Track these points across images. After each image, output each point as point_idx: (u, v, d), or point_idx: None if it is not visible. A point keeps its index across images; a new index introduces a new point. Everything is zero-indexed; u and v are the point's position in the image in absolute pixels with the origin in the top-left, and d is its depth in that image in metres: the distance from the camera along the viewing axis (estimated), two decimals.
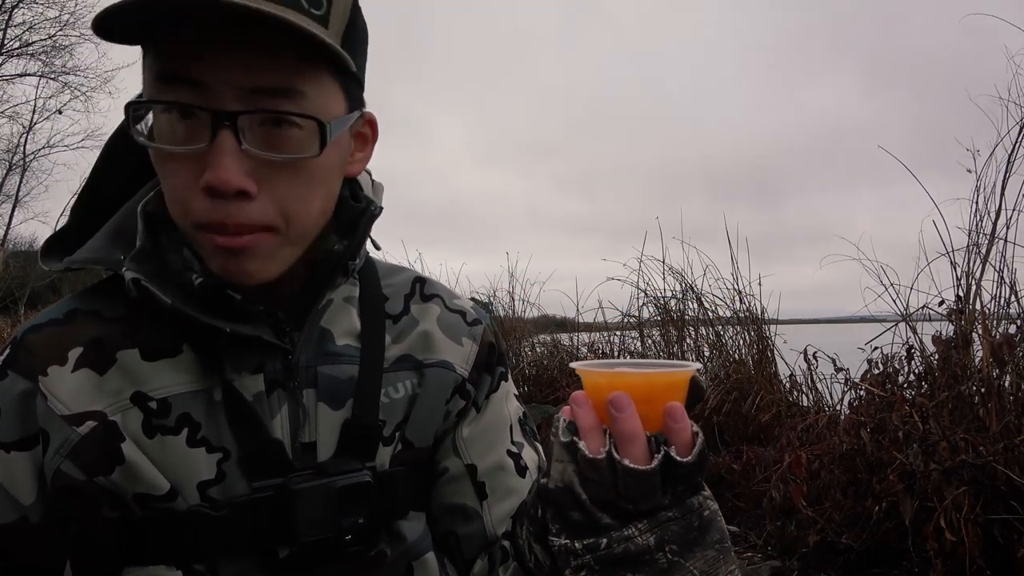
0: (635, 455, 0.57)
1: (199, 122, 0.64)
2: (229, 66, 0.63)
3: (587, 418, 0.60)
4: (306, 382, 0.77)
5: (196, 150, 0.64)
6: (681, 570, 0.58)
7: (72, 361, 0.71)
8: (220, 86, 0.63)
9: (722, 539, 0.60)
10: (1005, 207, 3.16)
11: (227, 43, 0.63)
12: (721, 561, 0.59)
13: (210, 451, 0.72)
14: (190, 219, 0.68)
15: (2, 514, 0.69)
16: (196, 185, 0.65)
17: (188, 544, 0.71)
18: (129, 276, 0.70)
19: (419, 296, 0.89)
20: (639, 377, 0.60)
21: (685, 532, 0.59)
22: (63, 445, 0.69)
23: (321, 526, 0.73)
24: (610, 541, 0.58)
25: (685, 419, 0.58)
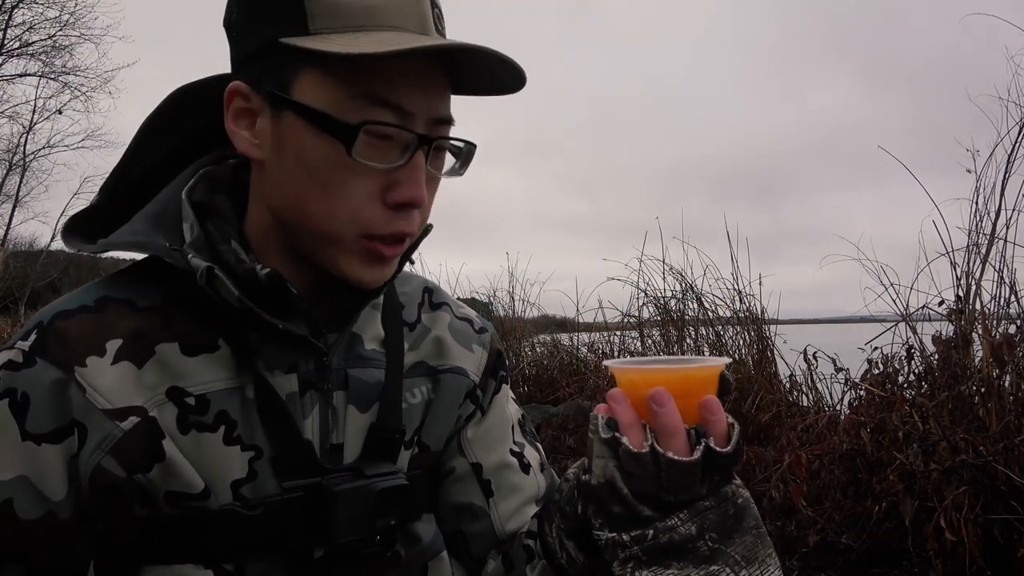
0: (677, 448, 0.60)
1: (391, 143, 0.69)
2: (427, 97, 0.70)
3: (627, 414, 0.63)
4: (337, 384, 0.78)
5: (394, 167, 0.69)
6: (723, 556, 0.61)
7: (112, 353, 0.69)
8: (418, 113, 0.69)
9: (757, 524, 0.63)
10: (1005, 207, 3.17)
11: (428, 77, 0.70)
12: (760, 545, 0.62)
13: (243, 449, 0.72)
14: (359, 228, 0.70)
15: (26, 510, 0.65)
16: (375, 197, 0.70)
17: (220, 543, 0.70)
18: (203, 264, 0.69)
19: (428, 305, 0.92)
20: (675, 373, 0.63)
21: (723, 520, 0.62)
22: (104, 440, 0.67)
23: (357, 527, 0.74)
24: (656, 532, 0.61)
25: (721, 411, 0.62)
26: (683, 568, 0.61)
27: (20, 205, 20.14)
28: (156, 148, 0.80)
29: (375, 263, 0.72)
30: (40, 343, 0.68)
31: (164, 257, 0.71)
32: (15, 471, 0.65)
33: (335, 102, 0.67)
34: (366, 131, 0.67)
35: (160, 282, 0.74)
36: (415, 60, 0.68)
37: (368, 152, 0.68)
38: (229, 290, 0.69)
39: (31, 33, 18.54)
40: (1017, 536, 2.13)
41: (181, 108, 0.80)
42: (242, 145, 0.73)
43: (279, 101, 0.69)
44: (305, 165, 0.69)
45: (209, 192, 0.77)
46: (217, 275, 0.69)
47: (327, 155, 0.68)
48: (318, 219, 0.70)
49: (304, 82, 0.68)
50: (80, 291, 0.74)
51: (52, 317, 0.70)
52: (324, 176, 0.69)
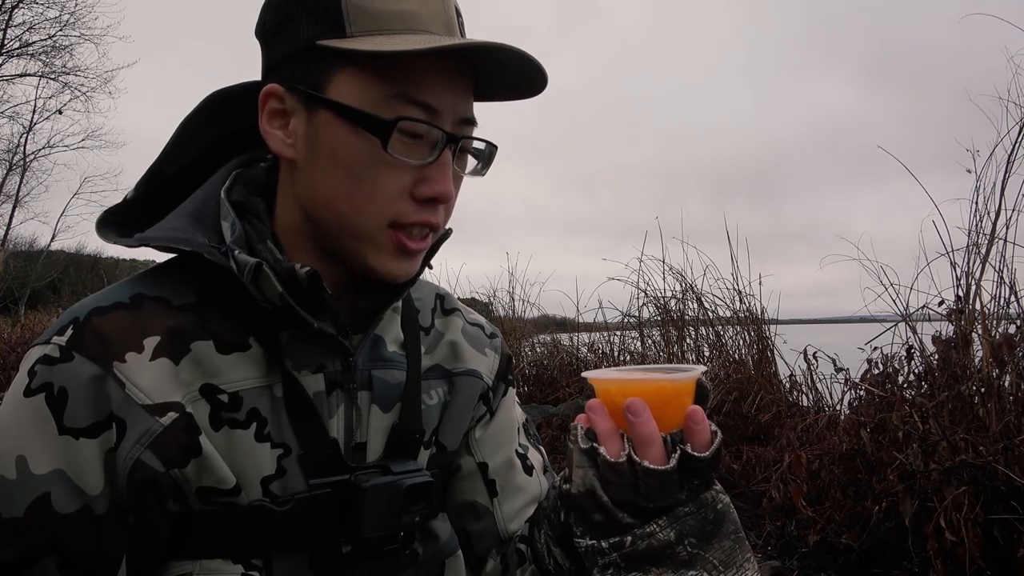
0: (654, 456, 0.62)
1: (422, 140, 0.72)
2: (454, 97, 0.73)
3: (604, 424, 0.64)
4: (362, 384, 0.80)
5: (425, 163, 0.72)
6: (701, 561, 0.62)
7: (150, 350, 0.70)
8: (446, 113, 0.72)
9: (736, 529, 0.64)
10: (1005, 207, 3.17)
11: (455, 77, 0.73)
12: (738, 549, 0.63)
13: (273, 447, 0.73)
14: (387, 219, 0.73)
15: (63, 504, 0.66)
16: (405, 192, 0.73)
17: (249, 539, 0.72)
18: (251, 260, 0.71)
19: (441, 310, 0.95)
20: (651, 384, 0.64)
21: (702, 525, 0.63)
22: (144, 435, 0.68)
23: (384, 523, 0.75)
24: (634, 539, 0.62)
25: (705, 422, 0.64)
26: (662, 573, 0.62)
27: (20, 205, 20.16)
28: (191, 148, 0.82)
29: (402, 256, 0.75)
30: (77, 338, 0.69)
31: (204, 254, 0.72)
32: (53, 465, 0.66)
33: (371, 101, 0.70)
34: (400, 128, 0.70)
35: (193, 280, 0.76)
36: (444, 61, 0.71)
37: (400, 148, 0.71)
38: (273, 287, 0.71)
39: (31, 33, 18.56)
40: (1017, 536, 2.13)
41: (217, 111, 0.82)
42: (275, 144, 0.75)
43: (315, 100, 0.72)
44: (339, 162, 0.72)
45: (246, 193, 0.79)
46: (264, 271, 0.71)
47: (361, 151, 0.71)
48: (349, 214, 0.73)
49: (340, 82, 0.71)
50: (113, 288, 0.75)
51: (88, 313, 0.71)
52: (358, 172, 0.71)
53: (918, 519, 2.31)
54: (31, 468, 0.65)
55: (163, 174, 0.81)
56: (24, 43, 18.64)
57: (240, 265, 0.72)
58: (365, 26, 0.70)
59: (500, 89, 0.77)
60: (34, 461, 0.66)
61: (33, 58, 18.90)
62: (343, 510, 0.74)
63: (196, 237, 0.74)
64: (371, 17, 0.70)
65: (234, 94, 0.82)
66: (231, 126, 0.83)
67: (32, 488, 0.65)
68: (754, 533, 3.04)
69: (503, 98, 0.79)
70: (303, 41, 0.72)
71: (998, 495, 2.21)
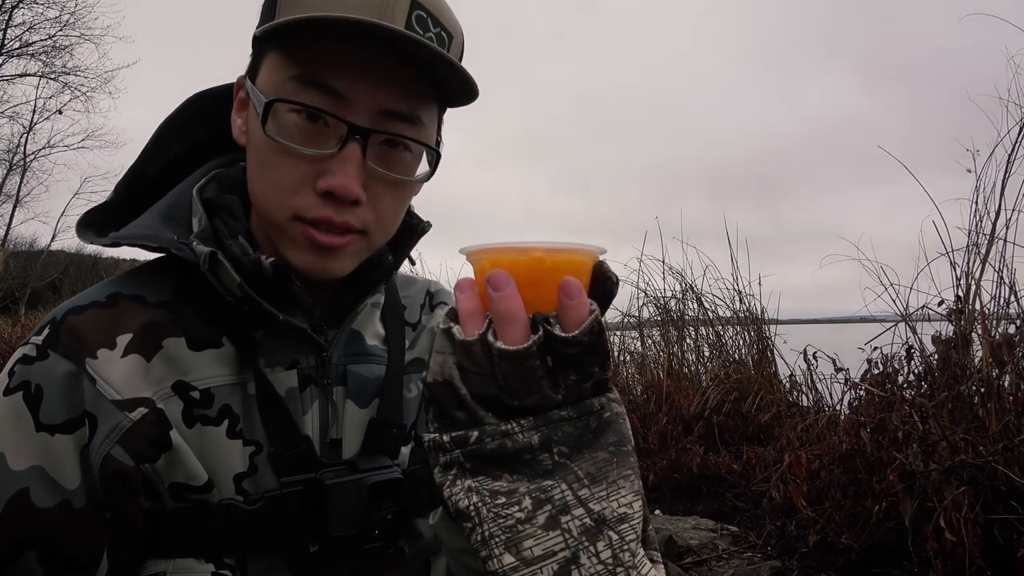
0: (512, 336, 0.50)
1: (327, 130, 0.69)
2: (371, 86, 0.69)
3: (468, 303, 0.53)
4: (336, 380, 0.79)
5: (322, 154, 0.69)
6: (565, 471, 0.50)
7: (121, 346, 0.71)
8: (358, 102, 0.68)
9: (620, 442, 0.52)
10: (1005, 207, 3.17)
11: (371, 63, 0.68)
12: (614, 464, 0.51)
13: (245, 444, 0.73)
14: (290, 211, 0.71)
15: (42, 498, 0.67)
16: (307, 183, 0.70)
17: (221, 537, 0.71)
18: (206, 249, 0.71)
19: (429, 306, 0.94)
20: (524, 255, 0.52)
21: (580, 434, 0.52)
22: (114, 430, 0.68)
23: (351, 521, 0.74)
24: (482, 435, 0.51)
25: (582, 295, 0.51)
26: (514, 482, 0.50)
27: (20, 205, 20.16)
28: (172, 149, 0.83)
29: (316, 251, 0.72)
30: (53, 337, 0.70)
31: (171, 249, 0.72)
32: (31, 461, 0.67)
33: (276, 83, 0.70)
34: (289, 110, 0.69)
35: (170, 279, 0.76)
36: (367, 48, 0.67)
37: (297, 134, 0.69)
38: (231, 277, 0.71)
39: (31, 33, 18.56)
40: (1017, 536, 2.13)
41: (198, 112, 0.83)
42: (235, 131, 0.78)
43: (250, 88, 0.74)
44: (253, 148, 0.74)
45: (220, 191, 0.79)
46: (219, 260, 0.70)
47: (262, 136, 0.71)
48: (260, 202, 0.74)
49: (264, 67, 0.72)
50: (93, 289, 0.76)
51: (65, 313, 0.72)
52: (261, 158, 0.72)
53: (918, 519, 2.30)
54: (10, 464, 0.66)
55: (145, 174, 0.82)
56: (24, 43, 18.64)
57: (198, 255, 0.71)
58: (291, 12, 0.68)
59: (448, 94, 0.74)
60: (12, 457, 0.67)
61: (33, 58, 18.91)
62: (311, 508, 0.73)
63: (164, 233, 0.74)
64: (297, 4, 0.69)
65: (217, 95, 0.83)
66: (217, 125, 0.83)
67: (11, 484, 0.66)
68: (754, 533, 3.04)
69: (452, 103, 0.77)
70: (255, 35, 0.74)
71: (998, 495, 2.21)
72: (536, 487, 0.50)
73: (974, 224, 3.23)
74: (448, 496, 0.51)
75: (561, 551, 0.49)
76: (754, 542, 2.95)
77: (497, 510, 0.50)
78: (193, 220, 0.77)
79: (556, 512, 0.49)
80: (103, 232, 0.79)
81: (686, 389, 4.62)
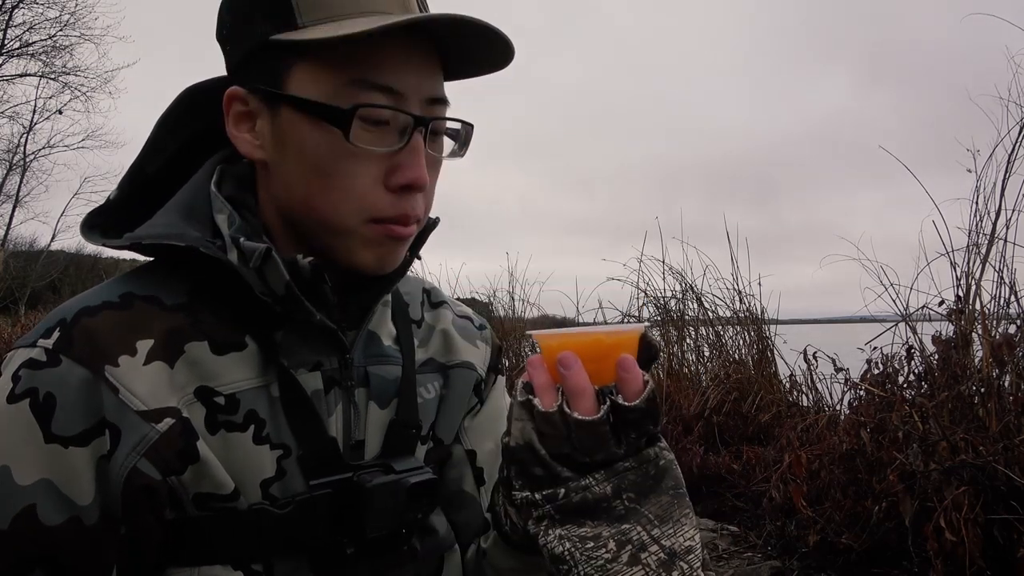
0: (584, 407, 0.61)
1: (388, 127, 0.70)
2: (419, 77, 0.71)
3: (541, 378, 0.64)
4: (359, 381, 0.79)
5: (391, 151, 0.70)
6: (637, 515, 0.60)
7: (143, 352, 0.67)
8: (411, 94, 0.70)
9: (677, 485, 0.63)
10: (1005, 207, 3.17)
11: (416, 56, 0.70)
12: (676, 505, 0.62)
13: (272, 448, 0.71)
14: (365, 214, 0.71)
15: (50, 516, 0.63)
16: (378, 183, 0.70)
17: (249, 543, 0.70)
18: (262, 246, 0.69)
19: (428, 304, 0.94)
20: (587, 337, 0.64)
21: (642, 480, 0.62)
22: (140, 443, 0.65)
23: (388, 522, 0.74)
24: (568, 491, 0.61)
25: (635, 369, 0.62)
26: (596, 527, 0.60)
27: (20, 205, 20.17)
28: (170, 145, 0.81)
29: (392, 244, 0.73)
30: (64, 341, 0.66)
31: (200, 248, 0.69)
32: (38, 475, 0.63)
33: (329, 91, 0.68)
34: (360, 116, 0.68)
35: (184, 278, 0.74)
36: (402, 41, 0.69)
37: (366, 137, 0.69)
38: (281, 275, 0.69)
39: (31, 33, 18.57)
40: (1017, 536, 2.13)
41: (192, 106, 0.81)
42: (245, 148, 0.74)
43: (275, 98, 0.70)
44: (306, 158, 0.70)
45: (237, 188, 0.78)
46: (272, 257, 0.69)
47: (326, 144, 0.69)
48: (325, 211, 0.71)
49: (297, 76, 0.69)
50: (101, 287, 0.73)
51: (76, 314, 0.68)
52: (326, 167, 0.69)
53: (918, 519, 2.30)
54: (15, 479, 0.63)
55: (144, 173, 0.80)
56: (24, 43, 18.65)
57: (247, 252, 0.70)
58: (315, 15, 0.68)
59: (469, 65, 0.75)
60: (18, 471, 0.63)
61: (33, 58, 18.92)
62: (344, 510, 0.73)
63: (190, 232, 0.72)
64: (321, 5, 0.68)
65: (210, 88, 0.80)
66: (212, 119, 0.80)
67: (16, 500, 0.63)
68: (754, 533, 3.04)
69: (473, 74, 0.77)
70: (257, 38, 0.70)
71: (998, 495, 2.21)
72: (616, 530, 0.60)
73: (974, 224, 3.23)
74: (544, 544, 0.61)
75: None
76: (754, 542, 2.95)
77: (588, 553, 0.60)
78: (219, 218, 0.74)
79: (636, 550, 0.59)
80: (111, 233, 0.77)
81: (686, 389, 4.62)
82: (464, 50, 0.72)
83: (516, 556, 0.76)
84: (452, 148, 0.78)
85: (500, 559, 0.77)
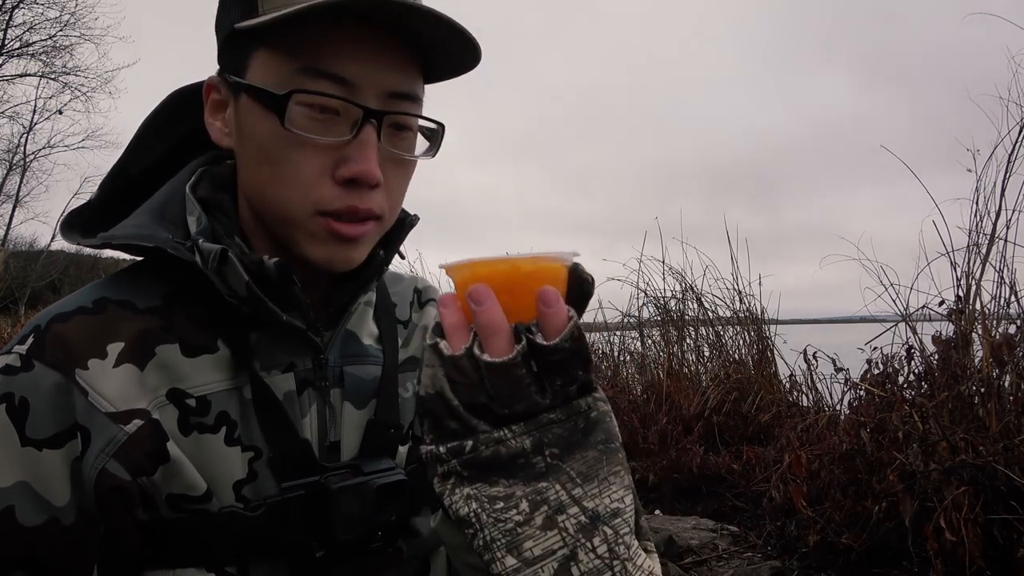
0: (497, 348, 0.52)
1: (338, 118, 0.68)
2: (377, 69, 0.68)
3: (452, 317, 0.54)
4: (334, 382, 0.78)
5: (339, 142, 0.68)
6: (557, 473, 0.52)
7: (113, 356, 0.68)
8: (366, 86, 0.68)
9: (608, 439, 0.54)
10: (1005, 207, 3.17)
11: (375, 46, 0.68)
12: (604, 462, 0.53)
13: (243, 450, 0.72)
14: (311, 206, 0.69)
15: (28, 516, 0.64)
16: (325, 174, 0.69)
17: (222, 545, 0.70)
18: (216, 247, 0.69)
19: (417, 303, 0.93)
20: (502, 264, 0.54)
21: (569, 435, 0.53)
22: (109, 444, 0.66)
23: (357, 525, 0.73)
24: (476, 443, 0.52)
25: (559, 303, 0.52)
26: (510, 486, 0.52)
27: (20, 205, 20.18)
28: (157, 147, 0.81)
29: (338, 243, 0.71)
30: (38, 347, 0.67)
31: (167, 248, 0.70)
32: (15, 477, 0.64)
33: (280, 78, 0.68)
34: (302, 102, 0.67)
35: (159, 282, 0.74)
36: (361, 29, 0.67)
37: (307, 125, 0.68)
38: (240, 276, 0.69)
39: (31, 33, 18.57)
40: (1017, 536, 2.13)
41: (179, 109, 0.81)
42: (215, 135, 0.75)
43: (236, 86, 0.71)
44: (258, 145, 0.70)
45: (213, 189, 0.78)
46: (229, 258, 0.69)
47: (271, 131, 0.69)
48: (274, 199, 0.71)
49: (256, 64, 0.70)
50: (77, 294, 0.73)
51: (49, 320, 0.69)
52: (273, 154, 0.69)
53: (918, 519, 2.30)
54: None
55: (128, 174, 0.80)
56: (24, 43, 18.64)
57: (204, 254, 0.70)
58: (275, 4, 0.67)
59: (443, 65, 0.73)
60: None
61: (33, 58, 18.92)
62: (314, 513, 0.72)
63: (159, 233, 0.72)
64: None
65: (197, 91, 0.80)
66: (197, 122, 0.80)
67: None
68: (754, 533, 3.04)
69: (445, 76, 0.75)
70: (228, 28, 0.71)
71: (998, 495, 2.21)
72: (531, 489, 0.52)
73: (974, 224, 3.23)
74: (448, 504, 0.53)
75: (560, 549, 0.51)
76: (754, 542, 2.95)
77: (496, 515, 0.52)
78: (189, 219, 0.75)
79: (552, 512, 0.51)
80: (89, 232, 0.78)
81: (686, 389, 4.62)
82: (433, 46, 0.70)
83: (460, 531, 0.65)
84: (424, 148, 0.76)
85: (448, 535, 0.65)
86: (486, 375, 0.52)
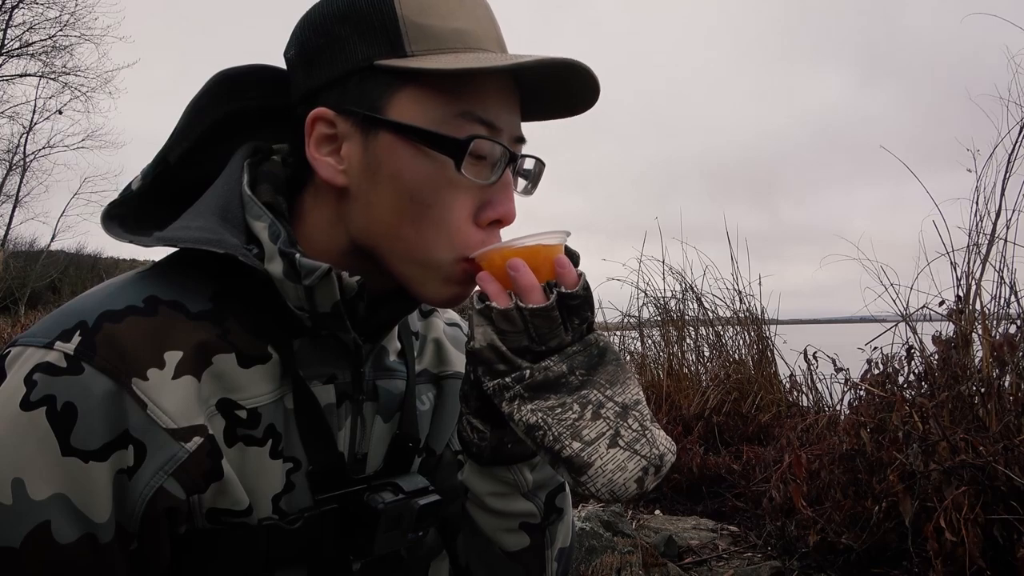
0: (535, 300, 0.68)
1: (484, 161, 0.71)
2: (512, 115, 0.74)
3: (492, 287, 0.69)
4: (368, 395, 0.79)
5: (487, 183, 0.72)
6: (591, 383, 0.69)
7: (172, 365, 0.65)
8: (505, 131, 0.72)
9: (617, 358, 0.72)
10: (1005, 207, 3.17)
11: (512, 93, 0.74)
12: (620, 372, 0.71)
13: (284, 462, 0.71)
14: (454, 251, 0.71)
15: (64, 533, 0.60)
16: (470, 218, 0.72)
17: (258, 557, 0.69)
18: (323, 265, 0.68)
19: (419, 313, 0.94)
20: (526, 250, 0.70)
21: (588, 359, 0.70)
22: (168, 462, 0.63)
23: (394, 542, 0.75)
24: (532, 371, 0.68)
25: (570, 265, 0.70)
26: (560, 398, 0.67)
27: (20, 205, 20.16)
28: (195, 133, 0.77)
29: (466, 285, 0.74)
30: (87, 347, 0.62)
31: (239, 257, 0.68)
32: (53, 489, 0.60)
33: (436, 120, 0.69)
34: (470, 148, 0.69)
35: (207, 280, 0.71)
36: (505, 80, 0.72)
37: (471, 169, 0.70)
38: (332, 294, 0.69)
39: (31, 33, 18.56)
40: (1017, 536, 2.13)
41: (220, 94, 0.78)
42: (326, 172, 0.71)
43: (374, 123, 0.69)
44: (403, 186, 0.69)
45: (273, 192, 0.75)
46: (332, 277, 0.68)
47: (428, 173, 0.69)
48: (415, 240, 0.70)
49: (401, 103, 0.69)
50: (121, 287, 0.69)
51: (98, 317, 0.64)
52: (424, 195, 0.69)
53: (918, 519, 2.30)
54: (29, 493, 0.59)
55: (167, 162, 0.77)
56: (24, 43, 18.64)
57: (305, 270, 0.68)
58: (426, 45, 0.69)
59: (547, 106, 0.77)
60: (32, 485, 0.59)
61: (33, 58, 18.91)
62: (352, 527, 0.73)
63: (228, 238, 0.69)
64: (431, 36, 0.69)
65: (239, 75, 0.77)
66: (234, 107, 0.78)
67: (30, 516, 0.59)
68: (754, 533, 3.03)
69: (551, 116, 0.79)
70: (356, 62, 0.69)
71: (998, 495, 2.21)
72: (577, 397, 0.68)
73: (974, 224, 3.23)
74: (518, 420, 0.67)
75: (608, 431, 0.67)
76: (754, 542, 2.95)
77: (557, 416, 0.67)
78: (256, 225, 0.72)
79: (596, 408, 0.68)
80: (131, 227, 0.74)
81: (686, 389, 4.62)
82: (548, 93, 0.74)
83: (489, 477, 0.79)
84: (525, 186, 0.80)
85: (477, 484, 0.80)
86: (529, 320, 0.67)
